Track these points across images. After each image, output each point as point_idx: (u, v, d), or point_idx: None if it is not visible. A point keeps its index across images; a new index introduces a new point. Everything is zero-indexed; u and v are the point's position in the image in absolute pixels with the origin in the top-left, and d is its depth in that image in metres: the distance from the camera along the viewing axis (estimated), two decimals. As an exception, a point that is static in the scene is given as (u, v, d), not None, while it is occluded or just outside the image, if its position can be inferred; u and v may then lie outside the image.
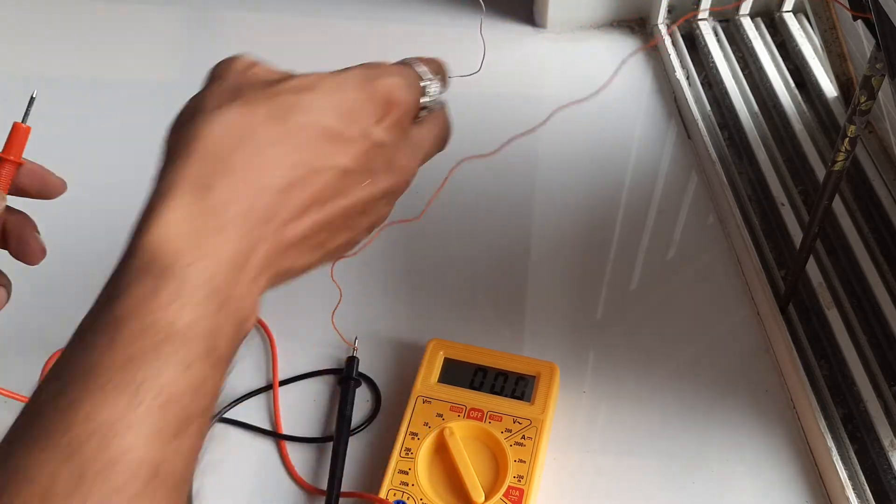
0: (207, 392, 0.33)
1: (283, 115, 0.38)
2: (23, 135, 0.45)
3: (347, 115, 0.40)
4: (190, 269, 0.33)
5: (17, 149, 0.45)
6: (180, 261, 0.33)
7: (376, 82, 0.42)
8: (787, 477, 0.60)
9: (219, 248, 0.34)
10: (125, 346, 0.32)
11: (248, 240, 0.36)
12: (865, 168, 0.75)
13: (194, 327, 0.33)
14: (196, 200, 0.35)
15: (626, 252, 0.74)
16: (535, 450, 0.59)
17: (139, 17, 0.94)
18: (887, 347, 0.64)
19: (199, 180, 0.35)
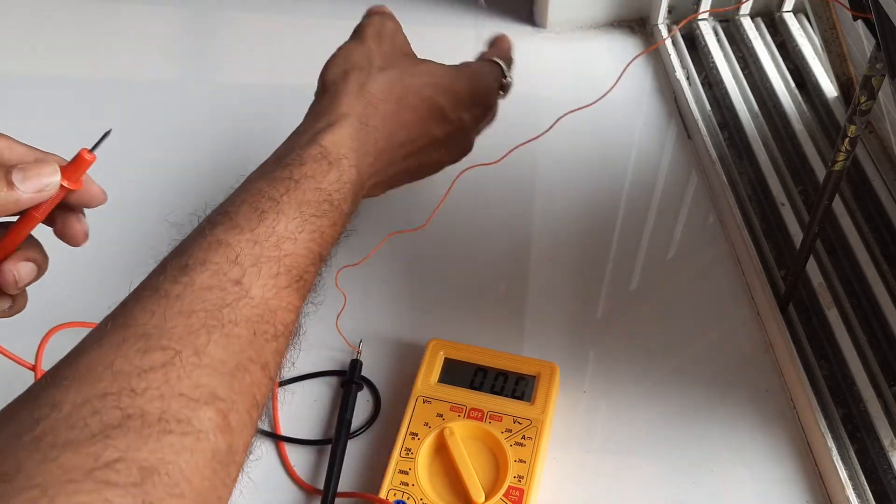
0: (335, 239, 0.49)
1: (420, 89, 0.56)
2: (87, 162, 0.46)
3: (454, 102, 0.57)
4: (349, 169, 0.50)
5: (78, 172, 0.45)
6: (345, 161, 0.50)
7: (480, 83, 0.60)
8: (787, 477, 0.60)
9: (363, 163, 0.52)
10: (302, 194, 0.47)
11: (374, 169, 0.53)
12: (865, 168, 0.75)
13: (342, 204, 0.49)
14: (359, 129, 0.52)
15: (626, 252, 0.74)
16: (536, 450, 0.59)
17: (139, 17, 0.94)
18: (887, 347, 0.64)
19: (363, 118, 0.53)
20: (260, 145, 0.82)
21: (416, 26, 0.92)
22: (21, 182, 0.43)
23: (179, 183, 0.76)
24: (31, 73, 0.90)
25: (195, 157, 0.81)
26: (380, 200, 0.77)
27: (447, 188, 0.73)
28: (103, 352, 0.37)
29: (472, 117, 0.59)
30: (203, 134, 0.84)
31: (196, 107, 0.86)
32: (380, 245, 0.71)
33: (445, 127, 0.58)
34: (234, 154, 0.81)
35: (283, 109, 0.86)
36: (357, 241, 0.72)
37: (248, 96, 0.87)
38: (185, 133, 0.83)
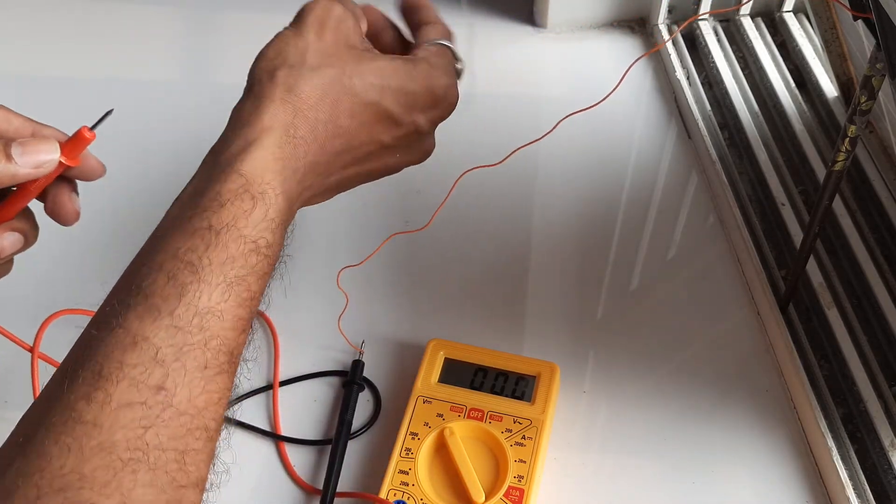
0: (264, 288, 0.42)
1: (362, 92, 0.47)
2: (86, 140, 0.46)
3: (407, 105, 0.49)
4: (276, 199, 0.42)
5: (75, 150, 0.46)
6: (270, 192, 0.42)
7: (438, 82, 0.50)
8: (788, 477, 0.60)
9: (292, 181, 0.44)
10: (224, 249, 0.40)
11: (308, 184, 0.46)
12: (866, 168, 0.75)
13: (271, 247, 0.42)
14: (284, 143, 0.44)
15: (626, 252, 0.74)
16: (536, 450, 0.59)
17: (139, 17, 0.94)
18: (887, 347, 0.64)
19: (289, 129, 0.44)
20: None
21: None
22: (20, 156, 0.43)
23: (179, 182, 0.76)
24: (31, 73, 0.90)
25: (195, 157, 0.81)
26: (381, 201, 0.77)
27: (448, 189, 0.73)
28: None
29: (429, 119, 0.51)
30: (203, 134, 0.83)
31: (196, 107, 0.86)
32: (381, 246, 0.71)
33: (396, 131, 0.49)
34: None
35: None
36: (359, 242, 0.73)
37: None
38: (185, 133, 0.83)
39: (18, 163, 0.43)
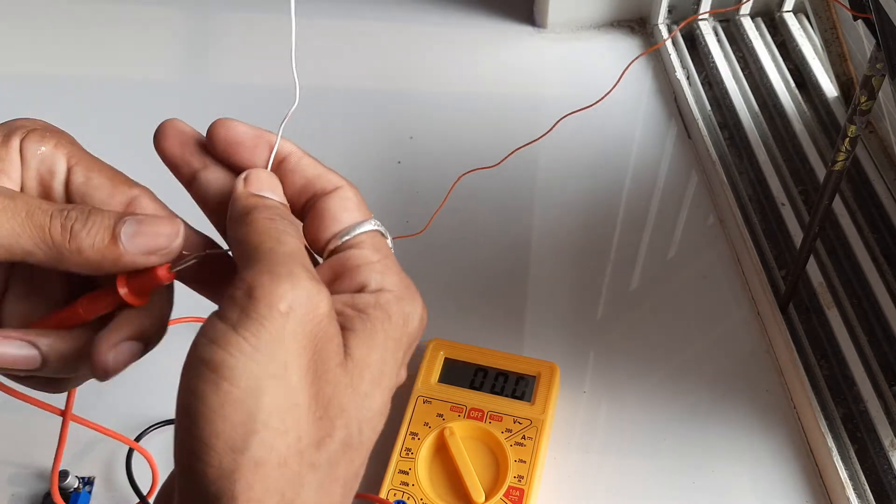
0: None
1: (366, 446, 0.34)
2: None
3: (388, 389, 0.33)
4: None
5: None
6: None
7: (403, 331, 0.33)
8: (788, 477, 0.60)
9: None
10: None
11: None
12: (866, 168, 0.75)
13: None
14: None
15: (626, 252, 0.74)
16: (536, 450, 0.59)
17: (139, 17, 0.94)
18: (888, 347, 0.64)
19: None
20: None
21: (415, 26, 0.93)
22: (129, 237, 0.33)
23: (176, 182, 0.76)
24: (31, 73, 0.90)
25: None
26: (377, 207, 0.77)
27: (446, 192, 0.73)
28: None
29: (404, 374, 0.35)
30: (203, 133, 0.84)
31: (196, 107, 0.86)
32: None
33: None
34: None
35: (283, 109, 0.86)
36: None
37: (248, 96, 0.87)
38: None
39: (125, 245, 0.33)
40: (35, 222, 0.32)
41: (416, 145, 0.82)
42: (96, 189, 0.36)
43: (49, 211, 0.33)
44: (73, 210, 0.33)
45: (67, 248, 0.33)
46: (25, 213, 0.32)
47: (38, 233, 0.32)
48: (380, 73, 0.88)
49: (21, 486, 0.60)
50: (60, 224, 0.33)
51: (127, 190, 0.36)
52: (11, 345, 0.34)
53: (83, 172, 0.36)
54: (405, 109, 0.85)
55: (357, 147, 0.82)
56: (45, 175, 0.35)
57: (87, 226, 0.33)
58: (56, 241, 0.33)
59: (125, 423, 0.61)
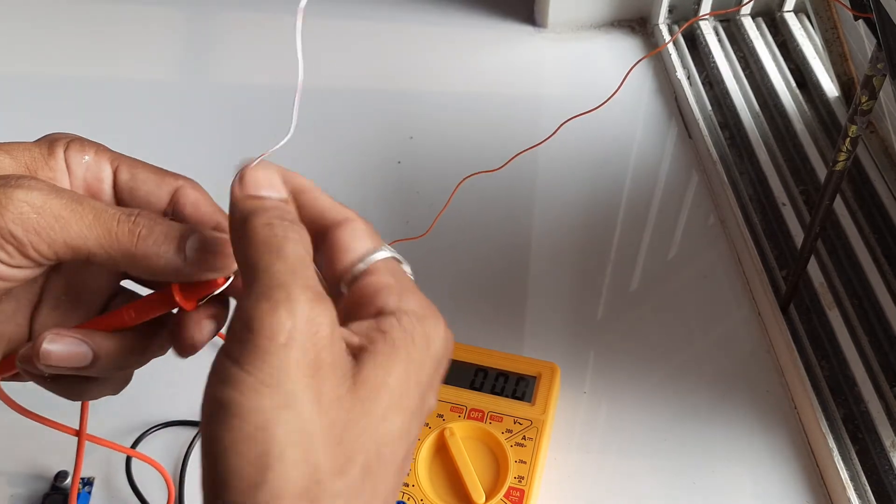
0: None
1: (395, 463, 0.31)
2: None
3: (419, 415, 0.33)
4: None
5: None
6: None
7: (435, 376, 0.34)
8: (788, 477, 0.60)
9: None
10: None
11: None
12: (867, 168, 0.75)
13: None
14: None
15: (626, 252, 0.74)
16: (536, 450, 0.59)
17: (139, 17, 0.94)
18: (888, 348, 0.64)
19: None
20: (259, 145, 0.82)
21: (415, 26, 0.93)
22: (194, 251, 0.34)
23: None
24: (31, 74, 0.90)
25: (195, 157, 0.81)
26: (377, 207, 0.77)
27: (447, 193, 0.73)
28: None
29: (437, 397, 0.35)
30: (203, 134, 0.84)
31: (196, 107, 0.86)
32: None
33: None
34: (233, 154, 0.81)
35: (283, 109, 0.86)
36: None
37: (248, 96, 0.87)
38: (184, 133, 0.83)
39: (188, 258, 0.34)
40: (103, 225, 0.34)
41: (416, 145, 0.82)
42: (143, 182, 0.37)
43: (116, 216, 0.34)
44: (141, 216, 0.34)
45: (134, 252, 0.34)
46: (93, 217, 0.34)
47: (105, 235, 0.34)
48: (380, 72, 0.88)
49: (21, 487, 0.60)
50: (128, 229, 0.34)
51: (172, 181, 0.38)
52: (66, 342, 0.35)
53: (128, 170, 0.37)
54: (405, 109, 0.85)
55: (357, 147, 0.82)
56: (93, 182, 0.37)
57: (153, 233, 0.34)
58: (123, 244, 0.34)
59: (123, 427, 0.61)
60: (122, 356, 0.36)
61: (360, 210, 0.46)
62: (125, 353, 0.37)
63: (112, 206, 0.35)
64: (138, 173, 0.37)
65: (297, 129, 0.34)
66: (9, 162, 0.35)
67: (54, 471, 0.60)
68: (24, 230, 0.33)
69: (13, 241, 0.33)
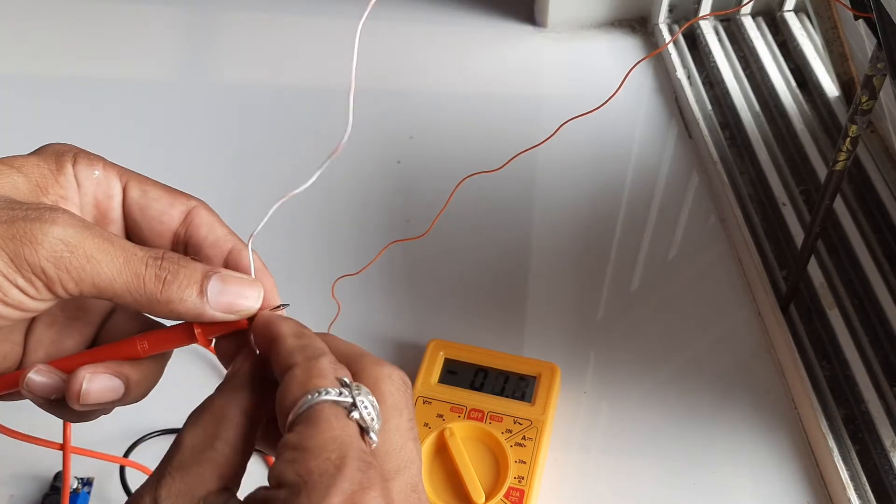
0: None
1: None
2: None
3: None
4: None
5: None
6: None
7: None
8: (789, 477, 0.60)
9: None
10: None
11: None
12: (867, 168, 0.75)
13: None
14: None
15: (626, 252, 0.74)
16: (536, 450, 0.58)
17: (139, 17, 0.94)
18: (889, 348, 0.64)
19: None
20: (260, 145, 0.82)
21: (415, 26, 0.93)
22: (216, 294, 0.34)
23: (179, 182, 0.76)
24: (31, 73, 0.89)
25: (195, 157, 0.81)
26: (377, 207, 0.77)
27: (446, 192, 0.73)
28: None
29: None
30: (203, 134, 0.84)
31: (196, 107, 0.86)
32: (380, 254, 0.70)
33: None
34: (234, 154, 0.81)
35: (283, 109, 0.86)
36: (356, 251, 0.72)
37: (248, 96, 0.87)
38: (184, 133, 0.83)
39: (210, 302, 0.34)
40: (132, 269, 0.33)
41: (415, 145, 0.82)
42: (154, 200, 0.37)
43: (145, 259, 0.34)
44: (166, 260, 0.34)
45: (158, 298, 0.34)
46: (123, 260, 0.33)
47: (133, 280, 0.33)
48: (379, 72, 0.88)
49: (20, 487, 0.60)
50: (155, 274, 0.34)
51: (185, 200, 0.38)
52: (102, 379, 0.35)
53: (138, 187, 0.37)
54: (405, 109, 0.85)
55: (356, 146, 0.81)
56: (103, 199, 0.37)
57: (178, 278, 0.34)
58: (149, 290, 0.34)
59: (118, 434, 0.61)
60: (147, 384, 0.37)
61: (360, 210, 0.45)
62: (149, 381, 0.37)
63: (140, 248, 0.34)
64: (149, 191, 0.37)
65: (296, 129, 0.34)
66: (22, 181, 0.35)
67: (54, 471, 0.59)
68: (56, 267, 0.32)
69: (43, 277, 0.32)
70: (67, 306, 0.37)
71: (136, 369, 0.36)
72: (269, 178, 0.78)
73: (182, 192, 0.38)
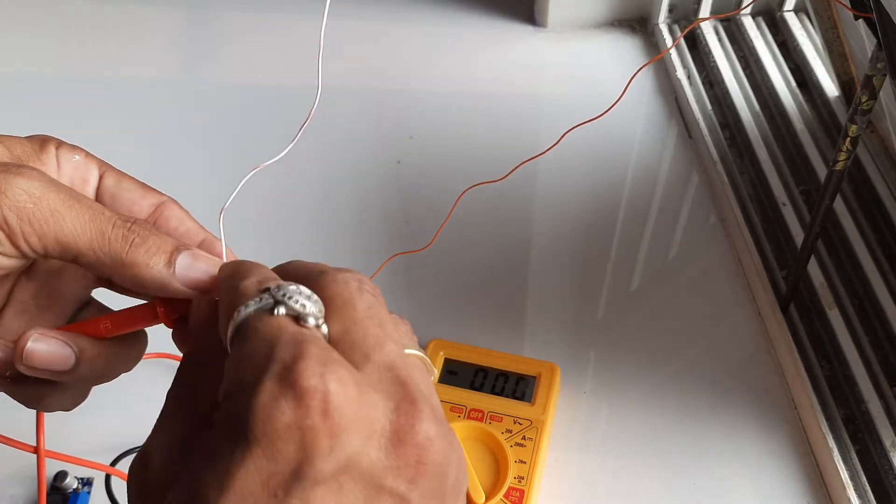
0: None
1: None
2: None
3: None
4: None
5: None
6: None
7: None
8: (789, 477, 0.60)
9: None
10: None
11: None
12: (867, 168, 0.75)
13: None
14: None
15: (626, 252, 0.74)
16: (536, 450, 0.59)
17: (139, 17, 0.94)
18: (889, 348, 0.64)
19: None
20: (260, 145, 0.82)
21: (415, 26, 0.93)
22: (184, 268, 0.34)
23: (178, 182, 0.76)
24: (30, 73, 0.89)
25: (195, 157, 0.81)
26: (376, 207, 0.77)
27: (446, 192, 0.72)
28: None
29: None
30: (202, 134, 0.84)
31: (196, 107, 0.86)
32: (381, 267, 0.70)
33: None
34: (233, 154, 0.81)
35: (283, 109, 0.86)
36: (355, 253, 0.72)
37: (248, 96, 0.87)
38: (184, 133, 0.83)
39: (177, 275, 0.34)
40: (97, 226, 0.33)
41: (415, 145, 0.82)
42: (127, 191, 0.38)
43: (112, 219, 0.34)
44: (135, 224, 0.34)
45: (124, 258, 0.33)
46: (89, 217, 0.33)
47: (98, 237, 0.33)
48: (379, 72, 0.88)
49: (21, 487, 0.60)
50: (123, 234, 0.33)
51: (157, 195, 0.38)
52: (51, 342, 0.35)
53: (114, 178, 0.38)
54: (405, 109, 0.85)
55: (356, 146, 0.82)
56: (79, 183, 0.37)
57: (147, 242, 0.34)
58: (114, 249, 0.33)
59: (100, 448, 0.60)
60: (102, 364, 0.36)
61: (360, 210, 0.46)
62: (105, 361, 0.36)
63: (109, 210, 0.34)
64: (123, 182, 0.38)
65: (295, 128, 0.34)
66: (2, 150, 0.35)
67: (54, 471, 0.59)
68: (19, 219, 0.32)
69: (5, 227, 0.32)
70: (39, 294, 0.37)
71: (93, 345, 0.35)
72: (267, 176, 0.78)
73: (155, 190, 0.39)
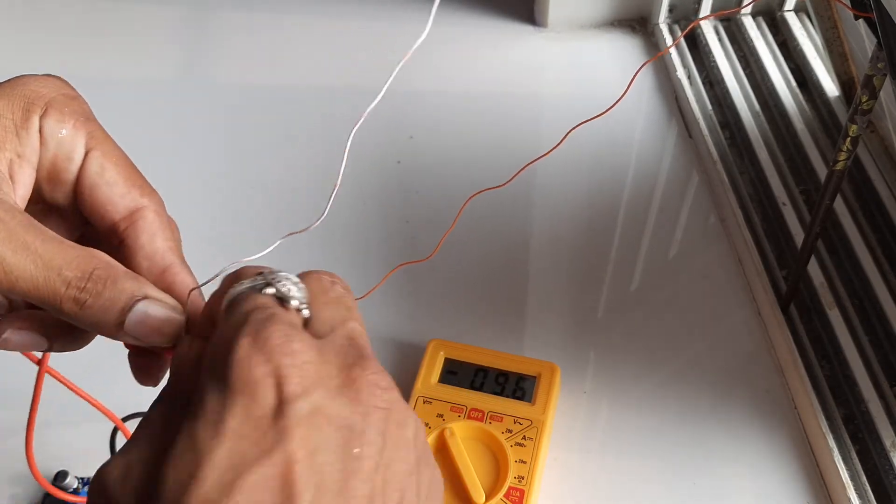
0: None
1: None
2: None
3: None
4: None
5: None
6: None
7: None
8: (789, 477, 0.60)
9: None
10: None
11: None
12: (867, 167, 0.75)
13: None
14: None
15: (626, 252, 0.74)
16: (536, 450, 0.59)
17: (139, 17, 0.94)
18: (889, 347, 0.64)
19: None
20: (260, 145, 0.82)
21: (414, 26, 0.93)
22: (134, 324, 0.33)
23: (178, 182, 0.76)
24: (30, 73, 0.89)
25: (194, 157, 0.81)
26: (376, 207, 0.77)
27: (446, 192, 0.73)
28: None
29: None
30: (202, 134, 0.84)
31: (196, 107, 0.86)
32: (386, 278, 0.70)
33: None
34: (233, 154, 0.81)
35: (284, 109, 0.86)
36: (355, 255, 0.72)
37: (248, 96, 0.87)
38: (184, 133, 0.83)
39: (127, 329, 0.33)
40: (50, 287, 0.33)
41: (415, 145, 0.82)
42: (108, 185, 0.36)
43: (67, 280, 0.33)
44: (90, 281, 0.33)
45: (76, 317, 0.33)
46: (43, 278, 0.32)
47: (51, 296, 0.33)
48: (379, 72, 0.88)
49: (21, 487, 0.60)
50: (74, 297, 0.33)
51: (137, 196, 0.36)
52: (23, 334, 0.35)
53: (99, 160, 0.36)
54: (405, 109, 0.85)
55: (356, 146, 0.81)
56: (62, 160, 0.35)
57: (101, 299, 0.33)
58: (66, 308, 0.33)
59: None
60: (74, 341, 0.36)
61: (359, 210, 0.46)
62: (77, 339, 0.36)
63: (66, 264, 0.33)
64: (108, 169, 0.36)
65: (296, 128, 0.34)
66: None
67: (54, 471, 0.59)
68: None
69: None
70: None
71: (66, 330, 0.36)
72: (268, 178, 0.78)
73: (140, 183, 0.37)
